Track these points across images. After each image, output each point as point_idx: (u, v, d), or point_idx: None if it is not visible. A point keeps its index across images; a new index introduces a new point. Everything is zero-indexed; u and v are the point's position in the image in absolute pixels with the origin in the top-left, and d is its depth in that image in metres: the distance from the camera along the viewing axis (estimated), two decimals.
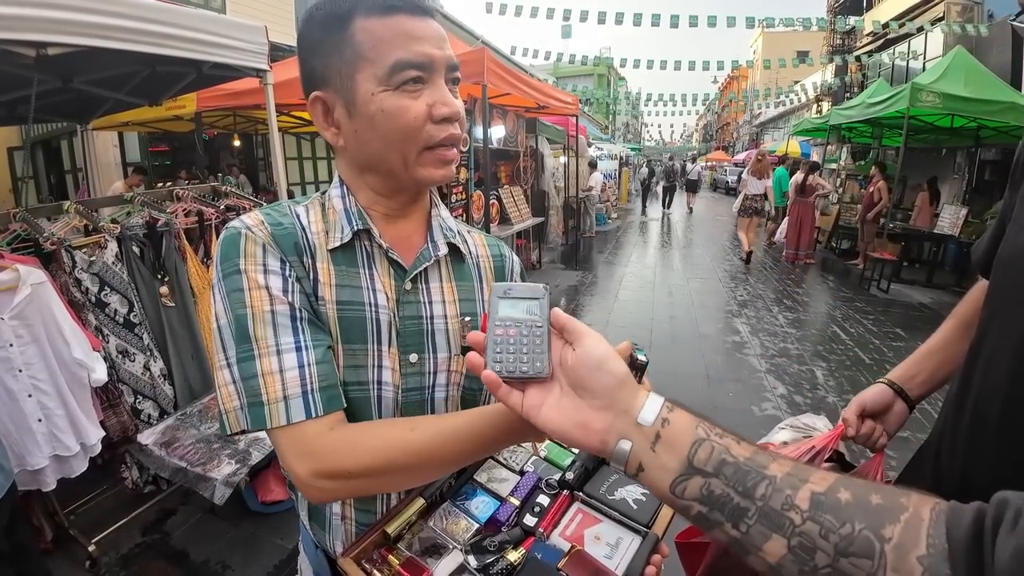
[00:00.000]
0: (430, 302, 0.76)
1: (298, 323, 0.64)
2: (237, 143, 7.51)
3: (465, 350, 0.77)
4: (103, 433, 2.09)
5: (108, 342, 2.19)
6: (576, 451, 0.80)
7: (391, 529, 0.68)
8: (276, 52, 2.88)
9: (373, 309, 0.71)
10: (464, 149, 4.62)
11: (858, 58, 13.03)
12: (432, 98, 0.67)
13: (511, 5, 10.17)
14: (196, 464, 2.03)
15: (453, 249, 0.80)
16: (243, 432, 0.64)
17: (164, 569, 2.16)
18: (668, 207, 16.39)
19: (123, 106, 3.62)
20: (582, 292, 6.76)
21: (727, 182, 23.08)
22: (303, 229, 0.71)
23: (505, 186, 6.62)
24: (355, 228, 0.72)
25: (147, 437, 2.18)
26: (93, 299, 2.16)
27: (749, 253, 8.39)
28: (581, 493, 0.74)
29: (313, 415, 0.62)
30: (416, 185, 0.73)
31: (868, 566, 0.37)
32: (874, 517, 0.39)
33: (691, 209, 16.96)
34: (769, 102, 24.53)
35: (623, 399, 0.47)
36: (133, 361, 2.29)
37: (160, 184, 7.62)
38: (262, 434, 2.18)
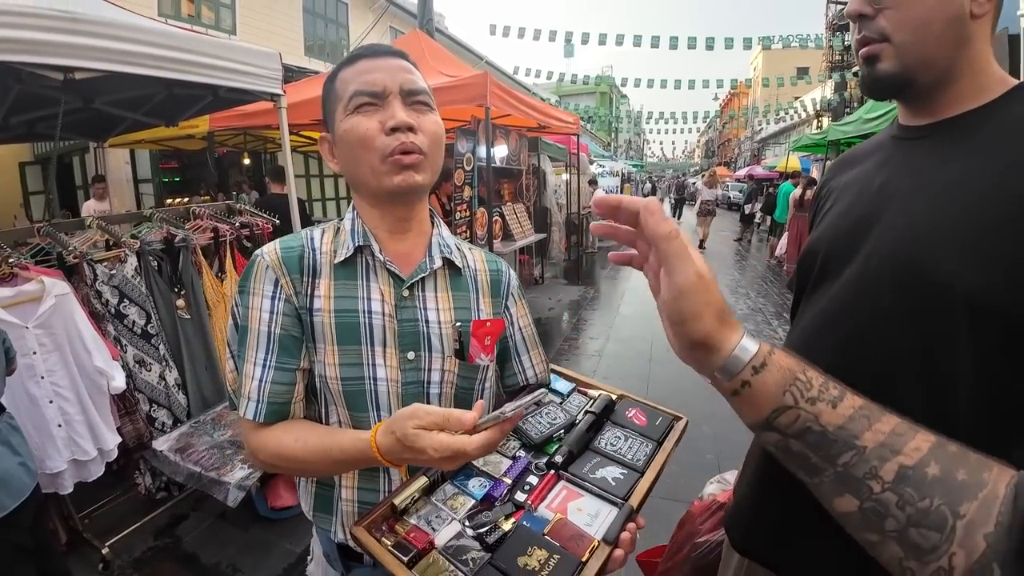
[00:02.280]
0: (425, 308, 0.88)
1: (272, 344, 0.82)
2: (247, 161, 7.69)
3: (457, 352, 0.88)
4: (119, 439, 2.18)
5: (126, 352, 2.30)
6: (562, 437, 0.89)
7: (398, 501, 0.77)
8: (286, 74, 3.02)
9: (367, 316, 0.84)
10: (468, 168, 4.76)
11: (856, 74, 13.25)
12: (384, 115, 0.81)
13: (514, 27, 10.45)
14: (210, 468, 2.11)
15: (450, 263, 0.91)
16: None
17: (176, 572, 2.23)
18: (679, 219, 16.64)
19: (140, 126, 3.78)
20: (584, 307, 6.85)
21: (729, 198, 23.22)
22: (312, 251, 0.86)
23: (508, 203, 6.75)
24: (357, 244, 0.86)
25: (162, 443, 2.27)
26: (112, 310, 2.27)
27: (702, 241, 11.31)
28: (566, 472, 0.83)
29: (253, 418, 0.81)
30: (386, 195, 0.85)
31: (936, 539, 0.40)
32: (955, 493, 0.40)
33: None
34: (769, 118, 24.81)
35: (713, 338, 0.49)
36: (149, 371, 2.39)
37: (170, 201, 7.81)
38: None
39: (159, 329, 2.43)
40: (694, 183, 19.62)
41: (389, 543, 0.73)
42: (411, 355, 0.86)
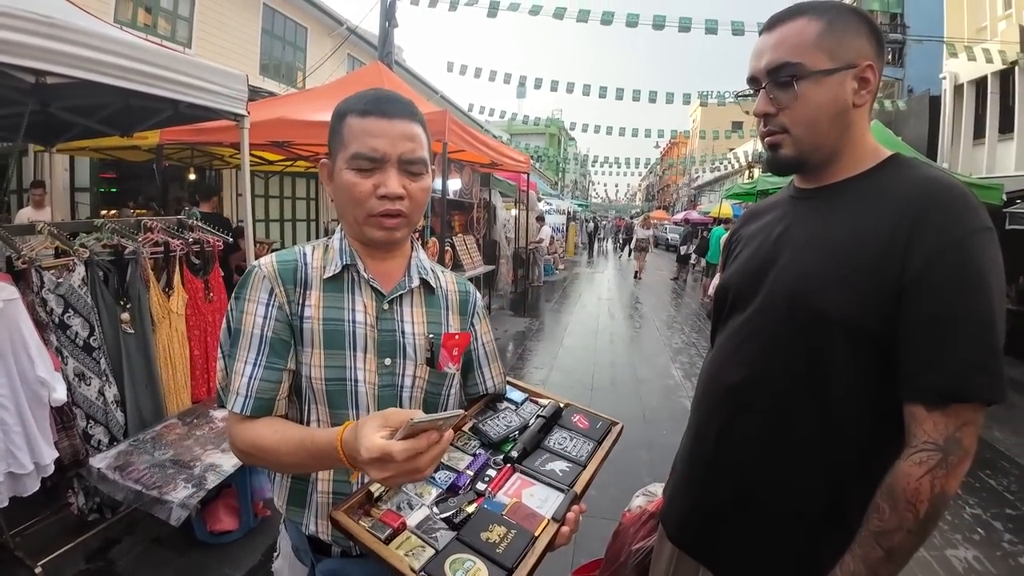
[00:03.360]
0: (402, 320, 1.00)
1: (263, 345, 0.92)
2: (192, 176, 7.48)
3: (428, 360, 1.01)
4: (57, 454, 2.11)
5: (67, 364, 2.24)
6: (516, 437, 1.03)
7: (374, 489, 0.88)
8: None
9: (351, 325, 0.96)
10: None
11: None
12: (379, 180, 0.92)
13: (471, 66, 10.82)
14: (152, 487, 2.07)
15: (425, 283, 1.05)
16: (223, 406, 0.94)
17: None
18: (630, 256, 17.84)
19: (92, 133, 3.69)
20: (529, 338, 7.03)
21: (667, 239, 24.42)
22: (304, 265, 0.98)
23: (459, 235, 6.91)
24: (344, 263, 0.98)
25: (100, 461, 2.20)
26: (56, 320, 2.22)
27: (636, 272, 14.11)
28: (521, 466, 0.96)
29: (239, 412, 0.90)
30: (367, 241, 0.98)
31: None
32: None
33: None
34: (706, 167, 26.45)
35: None
36: (89, 385, 2.33)
37: (105, 212, 7.44)
38: (219, 460, 2.26)
39: (102, 342, 2.38)
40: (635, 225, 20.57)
41: (367, 525, 0.83)
42: (388, 361, 0.97)
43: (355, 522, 0.84)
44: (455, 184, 6.31)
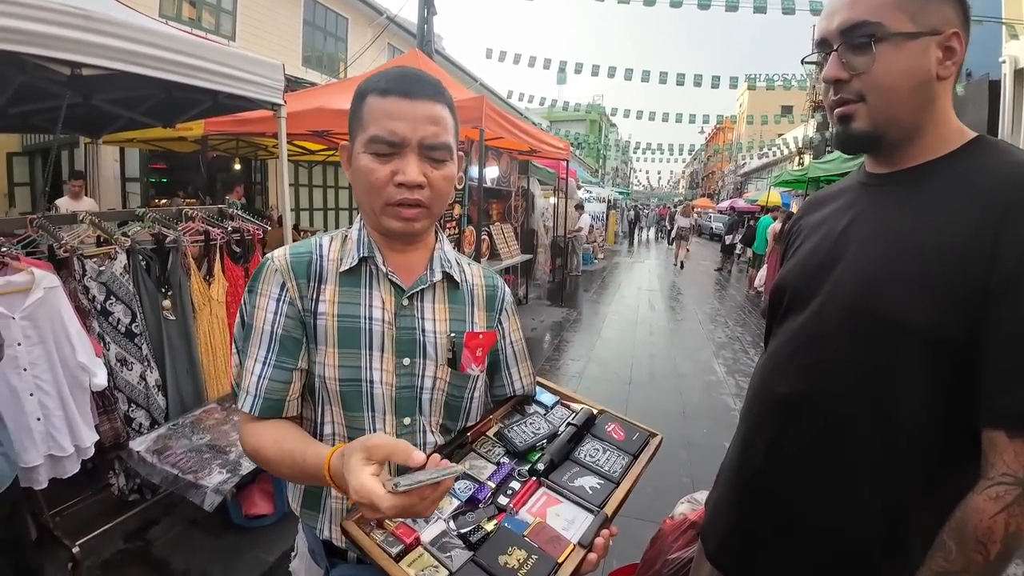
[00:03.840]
0: (423, 318, 0.93)
1: (273, 343, 0.87)
2: (237, 167, 7.68)
3: (450, 361, 0.93)
4: (97, 437, 2.16)
5: (109, 349, 2.29)
6: (544, 446, 0.94)
7: None
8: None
9: (368, 322, 0.89)
10: (459, 187, 4.84)
11: None
12: (397, 166, 0.84)
13: (510, 53, 10.67)
14: (188, 471, 2.10)
15: (449, 277, 0.97)
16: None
17: (145, 575, 2.20)
18: (671, 245, 17.63)
19: (136, 125, 3.79)
20: (566, 328, 6.92)
21: (711, 228, 23.66)
22: (320, 258, 0.91)
23: (496, 223, 6.84)
24: (362, 255, 0.91)
25: (139, 444, 2.25)
26: (98, 307, 2.27)
27: (681, 263, 13.74)
28: (547, 480, 0.88)
29: (249, 411, 0.87)
30: (385, 232, 0.90)
31: None
32: None
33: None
34: (753, 154, 25.47)
35: None
36: (131, 370, 2.38)
37: (157, 201, 7.73)
38: None
39: (143, 329, 2.43)
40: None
41: (378, 538, 0.77)
42: (406, 361, 0.90)
43: (366, 534, 0.78)
44: (492, 172, 6.22)
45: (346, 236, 0.95)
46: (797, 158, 20.16)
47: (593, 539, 0.77)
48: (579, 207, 12.14)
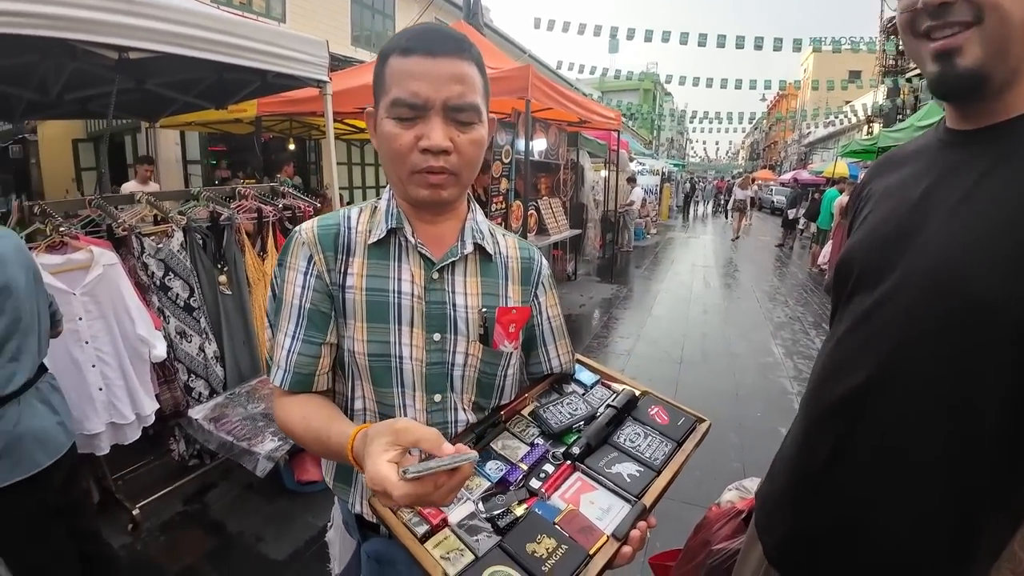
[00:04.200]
0: (453, 292, 0.88)
1: (301, 317, 0.85)
2: (292, 147, 7.89)
3: (481, 337, 0.89)
4: (157, 405, 2.28)
5: (168, 323, 2.40)
6: (581, 428, 0.89)
7: None
8: (333, 63, 3.07)
9: (396, 296, 0.85)
10: (507, 161, 4.76)
11: (910, 80, 12.61)
12: (421, 131, 0.78)
13: (559, 21, 10.36)
14: (242, 439, 2.19)
15: (481, 249, 0.91)
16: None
17: (201, 538, 2.33)
18: (728, 219, 17.59)
19: (190, 108, 3.92)
20: (616, 305, 6.79)
21: (772, 202, 22.49)
22: (348, 230, 0.88)
23: (544, 197, 6.72)
24: (390, 226, 0.86)
25: (198, 412, 2.36)
26: (157, 283, 2.37)
27: (736, 238, 13.50)
28: (582, 465, 0.83)
29: (280, 385, 0.86)
30: (413, 202, 0.86)
31: None
32: None
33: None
34: (818, 122, 23.93)
35: None
36: (190, 342, 2.49)
37: (217, 182, 8.07)
38: None
39: (201, 303, 2.53)
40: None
41: (405, 517, 0.74)
42: (437, 336, 0.87)
43: (393, 513, 0.75)
44: (540, 144, 6.09)
45: (375, 207, 0.91)
46: (866, 127, 18.79)
47: (628, 531, 0.71)
48: (631, 180, 11.79)
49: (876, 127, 16.74)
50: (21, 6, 1.66)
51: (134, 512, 2.28)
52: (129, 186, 5.68)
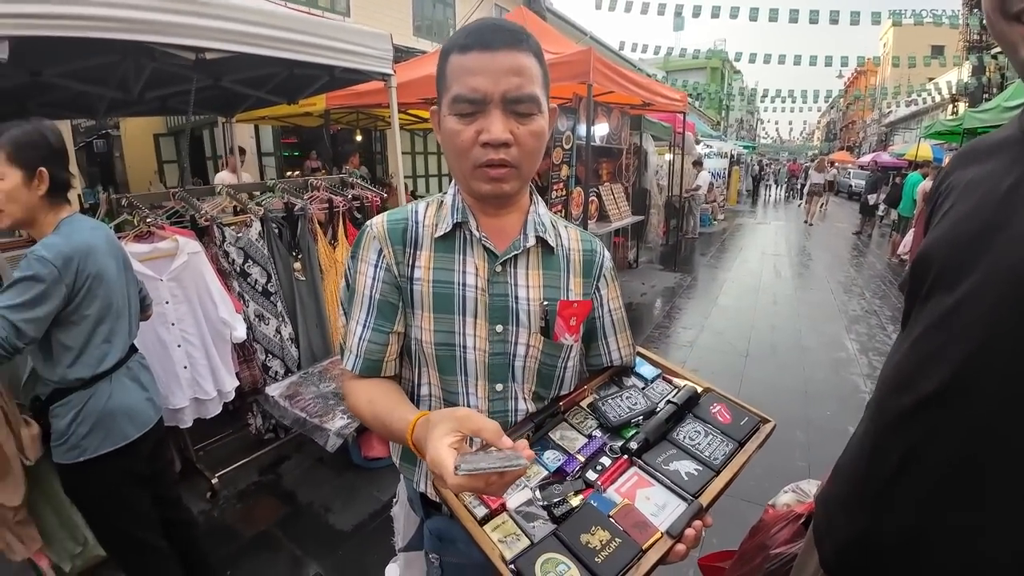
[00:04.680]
0: (516, 284, 0.90)
1: (371, 307, 0.90)
2: (359, 138, 8.16)
3: (543, 330, 0.90)
4: (237, 383, 2.46)
5: (248, 306, 2.57)
6: (640, 423, 0.89)
7: None
8: (396, 54, 3.13)
9: (461, 288, 0.88)
10: (567, 147, 4.71)
11: (995, 56, 11.34)
12: (481, 125, 0.80)
13: (621, 1, 10.06)
14: (314, 416, 2.33)
15: (543, 242, 0.93)
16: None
17: (274, 506, 2.50)
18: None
19: (263, 103, 4.11)
20: (679, 294, 6.62)
21: (850, 186, 21.03)
22: (415, 224, 0.92)
23: (606, 183, 6.61)
24: (456, 220, 0.89)
25: (274, 390, 2.52)
26: (238, 269, 2.54)
27: (810, 223, 13.19)
28: (640, 460, 0.83)
29: (350, 369, 0.92)
30: (477, 196, 0.88)
31: None
32: None
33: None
34: (899, 101, 22.09)
35: None
36: (267, 325, 2.66)
37: (290, 172, 8.47)
38: None
39: (278, 288, 2.69)
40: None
41: (466, 499, 0.78)
42: (499, 328, 0.89)
43: (455, 494, 0.79)
44: (602, 129, 5.97)
45: (442, 201, 0.95)
46: (950, 106, 17.18)
47: (683, 529, 0.71)
48: (697, 164, 11.36)
49: (961, 107, 15.29)
50: (97, 11, 1.73)
51: (213, 481, 2.48)
52: (222, 175, 6.05)
